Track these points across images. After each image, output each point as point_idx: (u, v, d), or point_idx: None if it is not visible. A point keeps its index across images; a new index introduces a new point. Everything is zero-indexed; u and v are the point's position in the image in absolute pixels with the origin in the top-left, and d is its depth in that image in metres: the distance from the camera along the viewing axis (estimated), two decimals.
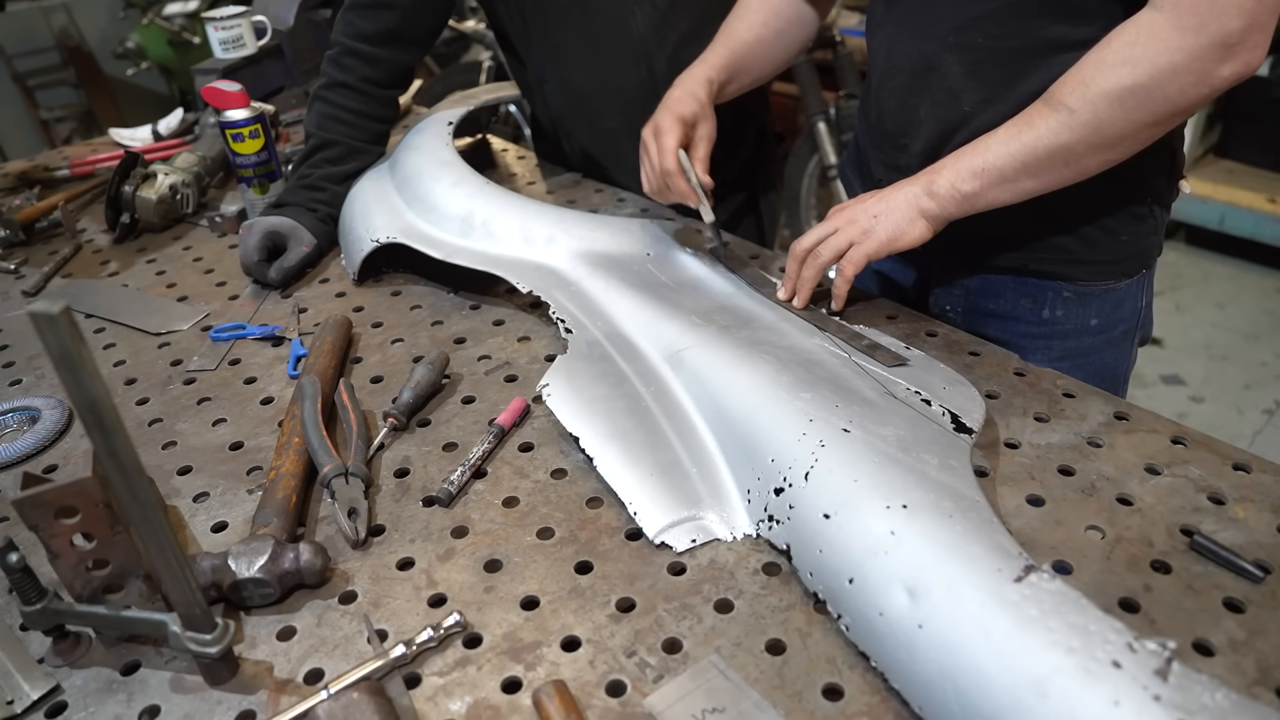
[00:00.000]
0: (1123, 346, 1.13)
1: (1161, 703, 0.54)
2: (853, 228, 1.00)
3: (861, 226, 0.99)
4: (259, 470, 0.94)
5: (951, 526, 0.68)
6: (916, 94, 1.05)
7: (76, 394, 0.54)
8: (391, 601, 0.77)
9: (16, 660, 0.74)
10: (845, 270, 1.01)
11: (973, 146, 0.94)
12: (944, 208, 0.96)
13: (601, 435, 0.89)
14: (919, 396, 0.88)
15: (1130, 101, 0.84)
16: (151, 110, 3.92)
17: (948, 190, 0.95)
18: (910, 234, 0.97)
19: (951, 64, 1.00)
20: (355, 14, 1.36)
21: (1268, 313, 3.10)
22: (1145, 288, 1.11)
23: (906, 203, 0.97)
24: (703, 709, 0.65)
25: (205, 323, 1.23)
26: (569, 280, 1.15)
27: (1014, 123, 0.91)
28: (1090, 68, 0.86)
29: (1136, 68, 0.83)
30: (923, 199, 0.96)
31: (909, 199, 0.97)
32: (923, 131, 1.06)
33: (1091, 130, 0.87)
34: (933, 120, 1.04)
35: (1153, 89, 0.83)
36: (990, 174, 0.92)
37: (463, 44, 3.76)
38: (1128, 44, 0.84)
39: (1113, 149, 0.89)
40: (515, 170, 1.65)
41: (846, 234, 1.00)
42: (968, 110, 1.00)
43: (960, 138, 1.01)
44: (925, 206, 0.96)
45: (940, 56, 1.00)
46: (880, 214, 0.98)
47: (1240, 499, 0.80)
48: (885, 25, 1.08)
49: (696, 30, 1.38)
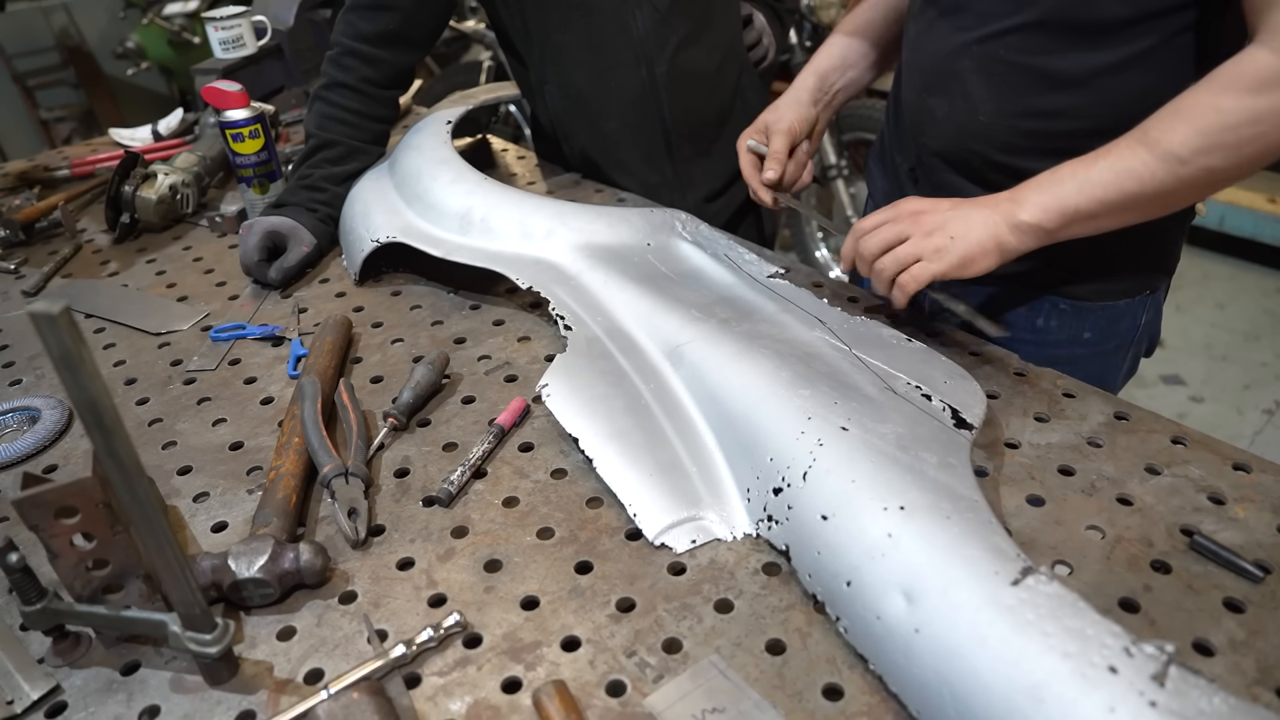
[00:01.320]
0: (1113, 360, 1.12)
1: (1158, 709, 0.54)
2: (925, 242, 0.92)
3: (935, 244, 0.92)
4: (259, 470, 0.94)
5: (949, 528, 0.68)
6: (935, 94, 1.04)
7: (76, 394, 0.54)
8: (391, 601, 0.77)
9: (16, 660, 0.74)
10: (906, 286, 0.93)
11: (1061, 180, 0.88)
12: (1023, 244, 0.90)
13: (601, 435, 0.89)
14: (919, 391, 0.88)
15: (1248, 149, 0.81)
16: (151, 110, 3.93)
17: (1032, 228, 0.89)
18: (981, 264, 0.91)
19: (971, 72, 0.99)
20: (356, 15, 1.36)
21: (1268, 313, 3.10)
22: (1149, 306, 1.09)
23: (986, 230, 0.90)
24: (703, 709, 0.65)
25: (205, 323, 1.23)
26: (568, 274, 1.15)
27: (1112, 165, 0.86)
28: (1203, 114, 0.81)
29: (1261, 121, 0.79)
30: (1004, 232, 0.90)
31: (990, 227, 0.90)
32: (940, 131, 1.05)
33: (1203, 180, 0.83)
34: (949, 123, 1.04)
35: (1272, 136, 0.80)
36: (1080, 215, 0.87)
37: (463, 44, 3.76)
38: (1247, 90, 0.79)
39: (1217, 189, 0.86)
40: (515, 170, 1.65)
41: (917, 246, 0.93)
42: (983, 120, 1.00)
43: (976, 146, 1.02)
44: (1005, 241, 0.90)
45: (961, 63, 1.00)
46: (958, 236, 0.91)
47: (1240, 499, 0.80)
48: (918, 20, 1.07)
49: (697, 32, 1.38)
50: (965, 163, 1.05)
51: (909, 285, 0.93)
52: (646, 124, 1.44)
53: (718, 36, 1.44)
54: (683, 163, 1.49)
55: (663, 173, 1.49)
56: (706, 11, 1.39)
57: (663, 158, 1.48)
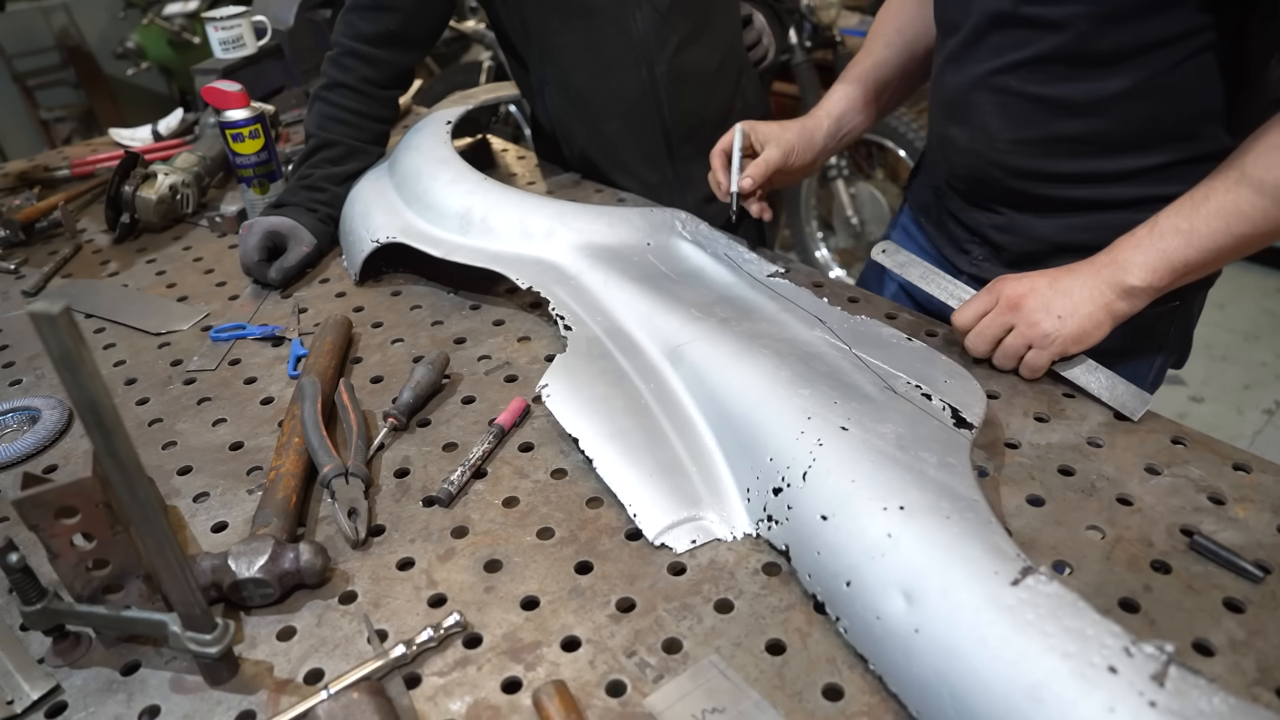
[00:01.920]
0: (1140, 371, 1.11)
1: (1157, 709, 0.54)
2: (1032, 330, 0.91)
3: (1043, 330, 0.91)
4: (259, 470, 0.94)
5: (949, 528, 0.68)
6: (956, 123, 1.06)
7: (76, 394, 0.54)
8: (391, 601, 0.77)
9: (16, 660, 0.74)
10: (1029, 376, 0.94)
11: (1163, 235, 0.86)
12: (1134, 308, 0.89)
13: (601, 435, 0.89)
14: (919, 391, 0.88)
15: None
16: (151, 110, 3.93)
17: (1143, 290, 0.88)
18: (1095, 336, 0.90)
19: (986, 103, 1.01)
20: (356, 15, 1.36)
21: (1268, 313, 3.10)
22: (1180, 317, 1.08)
23: (1094, 302, 0.89)
24: (703, 709, 0.65)
25: (205, 323, 1.23)
26: (568, 274, 1.15)
27: (1218, 212, 0.84)
28: None
29: None
30: (1114, 300, 0.89)
31: (1097, 298, 0.89)
32: (963, 159, 1.07)
33: None
34: (970, 151, 1.05)
35: None
36: (1190, 267, 0.86)
37: (463, 44, 3.76)
38: None
39: None
40: (515, 170, 1.65)
41: (1024, 336, 0.92)
42: (1001, 148, 1.01)
43: (996, 172, 1.03)
44: (1115, 308, 0.89)
45: (976, 95, 1.01)
46: (1066, 315, 0.90)
47: (1240, 499, 0.80)
48: (939, 54, 1.09)
49: (697, 33, 1.37)
50: (987, 184, 1.07)
51: (1030, 375, 0.95)
52: (646, 124, 1.44)
53: (717, 37, 1.44)
54: (682, 163, 1.49)
55: (663, 173, 1.49)
56: (706, 12, 1.39)
57: (662, 158, 1.48)
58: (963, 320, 0.97)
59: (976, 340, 0.96)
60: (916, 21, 1.20)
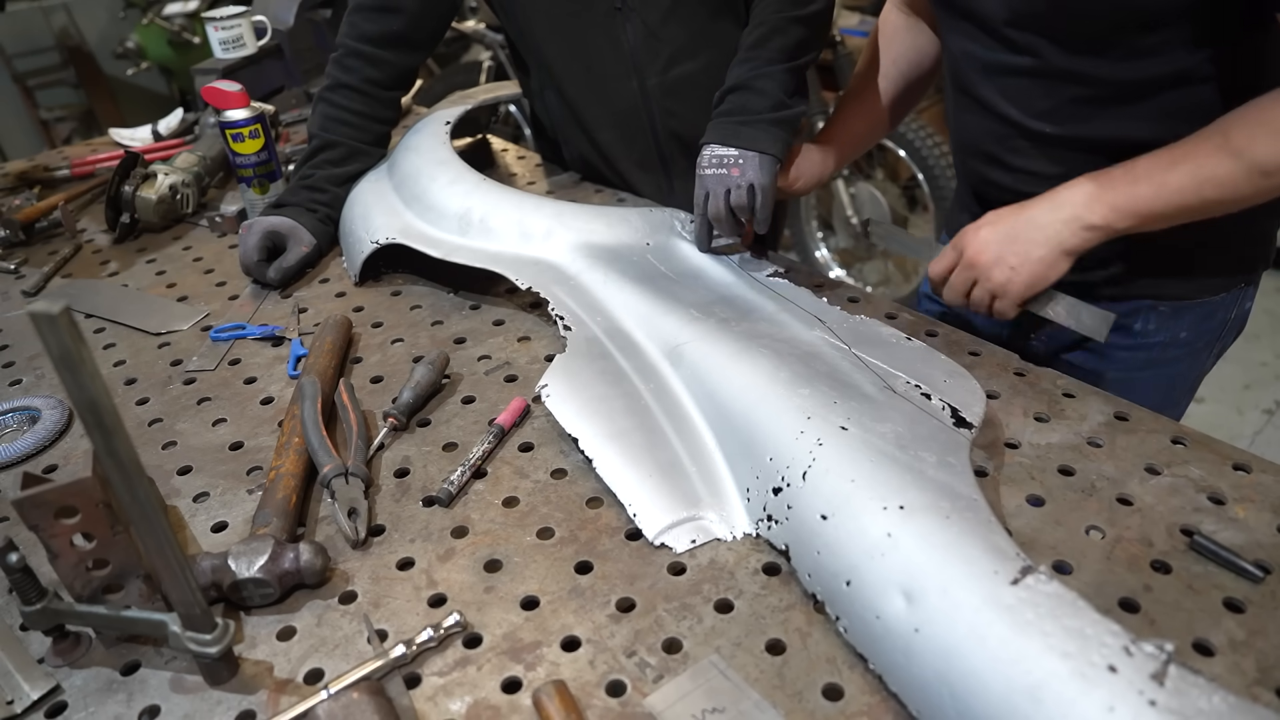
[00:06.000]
0: (1201, 355, 1.11)
1: (1157, 708, 0.54)
2: (990, 283, 0.95)
3: (999, 280, 0.94)
4: (259, 470, 0.94)
5: (948, 528, 0.68)
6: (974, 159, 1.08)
7: (76, 394, 0.54)
8: (391, 601, 0.77)
9: (16, 660, 0.74)
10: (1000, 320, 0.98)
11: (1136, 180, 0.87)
12: (1088, 244, 0.90)
13: (601, 435, 0.89)
14: (919, 390, 0.88)
15: None
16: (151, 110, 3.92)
17: (1101, 228, 0.89)
18: (1051, 276, 0.92)
19: (1004, 150, 1.02)
20: (360, 16, 1.36)
21: (1268, 313, 3.10)
22: (1242, 298, 1.09)
23: (1046, 246, 0.91)
24: (703, 709, 0.65)
25: (205, 323, 1.23)
26: (568, 274, 1.15)
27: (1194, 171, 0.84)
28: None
29: None
30: (1068, 237, 0.90)
31: (1052, 241, 0.90)
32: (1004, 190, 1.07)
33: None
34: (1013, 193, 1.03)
35: None
36: (1152, 217, 0.87)
37: (463, 44, 3.76)
38: None
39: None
40: (515, 170, 1.65)
41: (986, 289, 0.96)
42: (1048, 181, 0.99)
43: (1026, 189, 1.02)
44: (1069, 245, 0.90)
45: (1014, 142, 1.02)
46: (1017, 265, 0.92)
47: (1240, 499, 0.80)
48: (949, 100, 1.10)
49: (688, 46, 1.36)
50: None
51: (1001, 319, 0.98)
52: (639, 135, 1.43)
53: (714, 50, 1.43)
54: (678, 175, 1.48)
55: (657, 183, 1.49)
56: (697, 25, 1.38)
57: (656, 168, 1.47)
58: (935, 275, 1.01)
59: (949, 294, 1.00)
60: (910, 52, 1.22)
